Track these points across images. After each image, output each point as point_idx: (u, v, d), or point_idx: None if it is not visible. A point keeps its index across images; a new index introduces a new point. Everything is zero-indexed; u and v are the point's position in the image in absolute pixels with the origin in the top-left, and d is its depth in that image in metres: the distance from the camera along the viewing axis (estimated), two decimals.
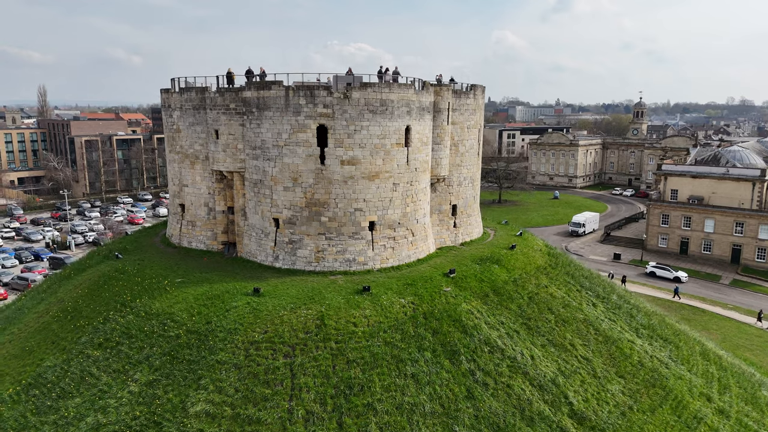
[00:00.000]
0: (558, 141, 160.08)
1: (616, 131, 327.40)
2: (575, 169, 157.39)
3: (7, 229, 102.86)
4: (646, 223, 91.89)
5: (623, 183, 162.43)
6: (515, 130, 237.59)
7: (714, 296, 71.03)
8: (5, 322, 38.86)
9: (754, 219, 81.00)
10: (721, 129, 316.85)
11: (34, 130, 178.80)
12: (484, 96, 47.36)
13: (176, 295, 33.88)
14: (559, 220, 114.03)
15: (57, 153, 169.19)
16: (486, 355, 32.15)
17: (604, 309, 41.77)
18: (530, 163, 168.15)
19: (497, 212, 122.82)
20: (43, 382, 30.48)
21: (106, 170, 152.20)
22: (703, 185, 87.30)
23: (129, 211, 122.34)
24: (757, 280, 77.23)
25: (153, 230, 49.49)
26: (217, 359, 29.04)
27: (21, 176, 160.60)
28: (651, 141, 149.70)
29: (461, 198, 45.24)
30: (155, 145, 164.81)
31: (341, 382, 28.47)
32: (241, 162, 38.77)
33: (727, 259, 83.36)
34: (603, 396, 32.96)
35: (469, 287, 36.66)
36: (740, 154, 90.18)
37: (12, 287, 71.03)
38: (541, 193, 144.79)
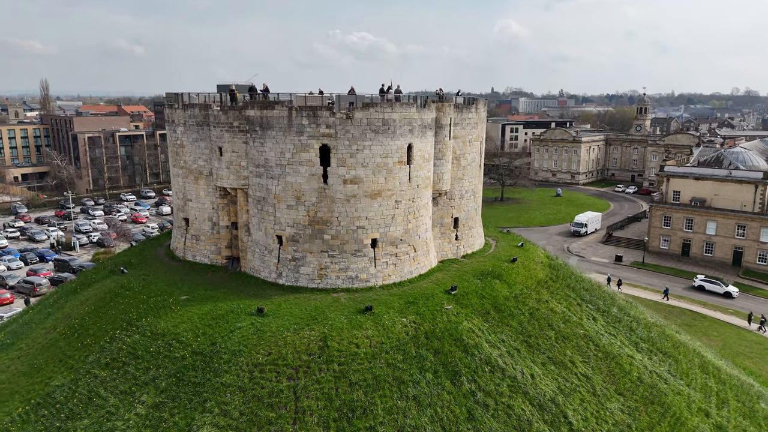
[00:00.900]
0: (561, 137, 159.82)
1: (619, 124, 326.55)
2: (578, 166, 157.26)
3: (12, 228, 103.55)
4: (648, 225, 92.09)
5: (626, 179, 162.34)
6: (518, 124, 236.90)
7: (715, 301, 71.40)
8: (13, 337, 39.44)
9: (756, 222, 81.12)
10: (725, 122, 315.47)
11: (37, 125, 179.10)
12: (486, 109, 47.49)
13: (181, 314, 34.36)
14: (562, 219, 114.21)
15: (60, 149, 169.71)
16: (487, 375, 32.60)
17: (605, 323, 42.16)
18: (533, 159, 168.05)
19: (499, 210, 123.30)
20: (51, 402, 31.06)
21: (109, 167, 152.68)
22: (705, 187, 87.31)
23: (132, 210, 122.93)
24: (758, 283, 77.55)
25: (157, 241, 49.95)
26: (222, 382, 29.54)
27: (24, 172, 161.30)
28: (654, 138, 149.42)
29: (463, 211, 45.54)
30: (158, 141, 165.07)
31: (344, 405, 28.96)
32: (244, 179, 39.10)
33: (728, 261, 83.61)
34: (602, 414, 33.43)
35: (470, 304, 37.06)
36: (743, 156, 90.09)
37: (18, 290, 71.71)
38: (544, 190, 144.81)
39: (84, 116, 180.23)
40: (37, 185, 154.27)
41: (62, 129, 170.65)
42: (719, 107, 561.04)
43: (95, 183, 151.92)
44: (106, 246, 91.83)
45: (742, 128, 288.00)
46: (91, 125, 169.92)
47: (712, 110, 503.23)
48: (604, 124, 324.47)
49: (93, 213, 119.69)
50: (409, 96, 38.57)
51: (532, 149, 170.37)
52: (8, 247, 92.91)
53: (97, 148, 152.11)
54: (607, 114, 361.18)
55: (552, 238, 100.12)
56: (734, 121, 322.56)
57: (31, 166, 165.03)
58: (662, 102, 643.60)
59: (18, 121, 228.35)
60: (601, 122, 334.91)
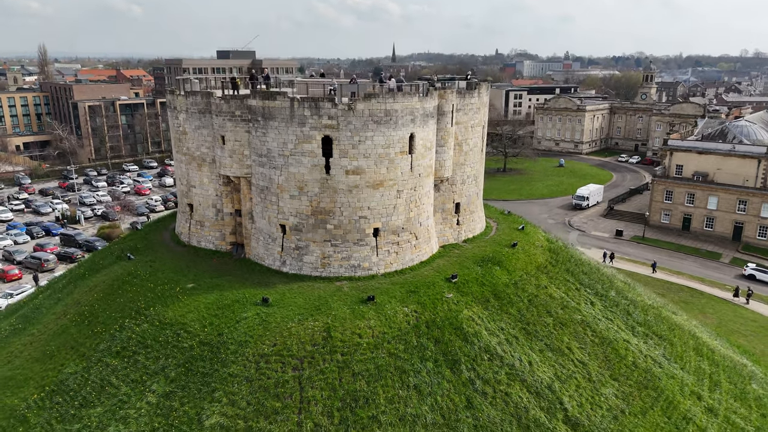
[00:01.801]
0: (565, 106, 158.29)
1: (625, 88, 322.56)
2: (581, 135, 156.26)
3: (16, 201, 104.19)
4: (650, 199, 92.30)
5: (629, 149, 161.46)
6: (522, 90, 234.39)
7: (713, 276, 72.23)
8: (24, 321, 40.50)
9: (757, 197, 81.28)
10: (733, 87, 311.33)
11: (37, 93, 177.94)
12: (488, 92, 47.24)
13: (188, 303, 35.22)
14: (564, 191, 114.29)
15: (60, 118, 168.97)
16: (485, 363, 33.60)
17: (602, 307, 43.01)
18: (536, 128, 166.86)
19: (501, 182, 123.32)
20: (65, 390, 32.21)
21: (110, 136, 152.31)
22: (708, 161, 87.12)
23: (135, 181, 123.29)
24: (757, 258, 78.20)
25: (162, 224, 50.52)
26: (229, 372, 30.57)
27: (26, 141, 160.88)
28: (659, 107, 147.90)
29: (464, 196, 45.87)
30: (158, 110, 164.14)
31: (347, 394, 30.03)
32: (247, 168, 39.37)
33: (728, 236, 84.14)
34: (597, 400, 34.56)
35: (470, 292, 37.83)
36: (747, 129, 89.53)
37: (26, 266, 72.81)
38: (547, 160, 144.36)
39: (84, 84, 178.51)
40: (39, 154, 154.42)
41: (62, 97, 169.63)
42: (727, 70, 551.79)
43: (97, 152, 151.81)
44: (111, 219, 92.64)
45: (749, 93, 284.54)
46: (91, 93, 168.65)
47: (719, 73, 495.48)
48: (609, 89, 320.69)
49: (96, 184, 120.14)
50: (411, 86, 38.39)
51: (535, 118, 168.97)
52: (14, 220, 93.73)
53: (98, 117, 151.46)
54: (612, 78, 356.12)
55: (553, 212, 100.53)
56: (741, 85, 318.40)
57: (33, 135, 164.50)
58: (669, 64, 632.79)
59: (17, 88, 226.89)
60: (607, 87, 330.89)
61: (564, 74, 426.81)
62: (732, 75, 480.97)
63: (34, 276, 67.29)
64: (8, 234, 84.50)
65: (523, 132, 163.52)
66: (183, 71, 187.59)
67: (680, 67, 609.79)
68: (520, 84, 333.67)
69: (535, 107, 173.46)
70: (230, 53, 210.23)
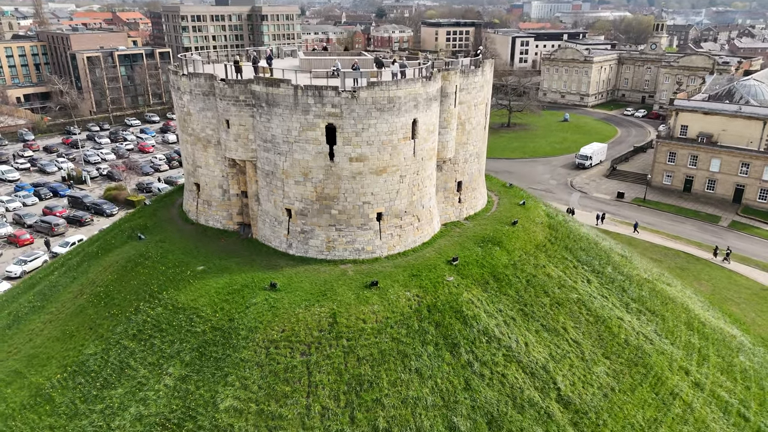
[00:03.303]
0: (572, 57, 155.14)
1: (635, 32, 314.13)
2: (588, 87, 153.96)
3: (22, 159, 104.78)
4: (653, 161, 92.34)
5: (636, 101, 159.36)
6: (529, 37, 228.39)
7: (711, 240, 73.35)
8: (42, 299, 42.23)
9: (760, 160, 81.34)
10: (746, 31, 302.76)
11: (34, 43, 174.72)
12: (492, 69, 46.91)
13: (199, 287, 36.69)
14: (567, 148, 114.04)
15: (59, 69, 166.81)
16: (484, 346, 35.31)
17: (598, 284, 44.43)
18: (542, 79, 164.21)
19: (505, 139, 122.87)
20: (86, 370, 34.18)
21: (110, 88, 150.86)
22: (714, 122, 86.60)
23: (138, 138, 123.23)
24: (756, 221, 79.15)
25: (170, 199, 51.44)
26: (241, 357, 32.34)
27: (26, 93, 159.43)
28: (668, 59, 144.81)
29: (467, 174, 46.45)
30: (158, 61, 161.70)
31: (352, 378, 31.88)
32: (252, 152, 39.91)
33: (729, 198, 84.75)
34: (588, 378, 36.48)
35: (470, 274, 39.15)
36: (755, 89, 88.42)
37: (36, 230, 74.35)
38: (551, 114, 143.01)
39: (81, 33, 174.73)
40: (40, 106, 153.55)
41: (59, 46, 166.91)
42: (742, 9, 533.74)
43: (98, 105, 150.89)
44: (117, 180, 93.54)
45: (762, 37, 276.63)
46: (88, 42, 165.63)
47: (734, 14, 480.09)
48: (619, 34, 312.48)
49: (99, 141, 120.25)
50: (414, 71, 38.27)
51: (542, 69, 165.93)
52: (20, 180, 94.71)
53: (97, 69, 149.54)
54: (623, 21, 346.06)
55: (556, 171, 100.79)
56: (755, 29, 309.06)
57: (32, 86, 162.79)
58: (683, 3, 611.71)
59: (12, 35, 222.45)
60: (617, 31, 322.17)
61: (573, 16, 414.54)
62: (747, 16, 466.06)
63: (46, 241, 68.98)
64: (17, 196, 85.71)
65: (529, 83, 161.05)
66: (181, 19, 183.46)
67: (694, 6, 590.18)
68: (527, 27, 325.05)
69: (542, 58, 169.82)
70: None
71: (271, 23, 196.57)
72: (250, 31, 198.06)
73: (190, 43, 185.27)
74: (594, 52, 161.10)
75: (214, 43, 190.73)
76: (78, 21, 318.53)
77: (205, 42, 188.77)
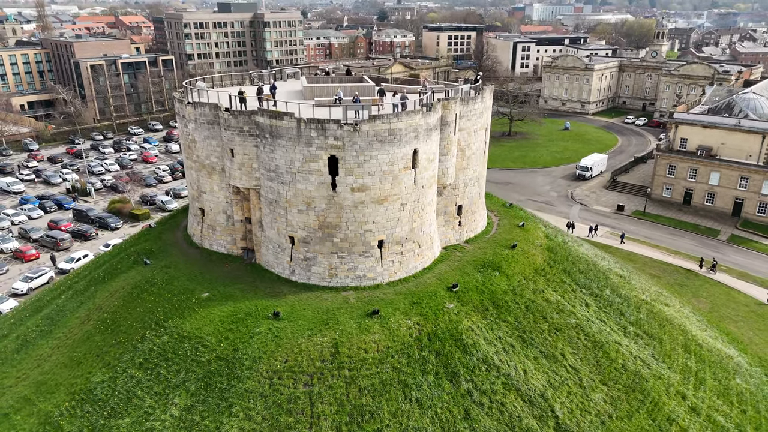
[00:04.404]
0: (573, 65, 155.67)
1: (637, 36, 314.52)
2: (588, 95, 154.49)
3: (26, 170, 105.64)
4: (652, 173, 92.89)
5: (637, 108, 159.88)
6: (530, 42, 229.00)
7: (710, 255, 73.82)
8: (50, 324, 43.00)
9: (759, 174, 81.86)
10: (747, 35, 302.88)
11: (38, 50, 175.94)
12: (492, 95, 47.58)
13: (204, 315, 37.43)
14: (568, 158, 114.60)
15: (62, 77, 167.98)
16: (483, 374, 35.98)
17: (597, 308, 45.08)
18: (543, 86, 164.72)
19: (506, 148, 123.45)
20: (94, 399, 34.95)
21: (113, 95, 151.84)
22: (713, 135, 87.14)
23: (142, 148, 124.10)
24: (755, 235, 79.64)
25: (174, 221, 52.20)
26: (245, 388, 33.06)
27: (30, 100, 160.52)
28: (669, 67, 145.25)
29: (467, 198, 47.12)
30: (160, 68, 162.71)
31: (354, 409, 32.58)
32: (256, 180, 40.64)
33: (728, 211, 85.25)
34: (586, 406, 37.12)
35: (470, 301, 39.84)
36: (754, 103, 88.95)
37: (41, 244, 75.15)
38: (552, 122, 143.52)
39: (84, 41, 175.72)
40: (44, 114, 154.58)
41: (63, 54, 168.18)
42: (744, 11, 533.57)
43: (101, 113, 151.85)
44: (121, 192, 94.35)
45: (764, 42, 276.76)
46: (92, 50, 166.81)
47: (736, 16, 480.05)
48: (620, 37, 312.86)
49: (103, 151, 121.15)
50: (414, 103, 38.94)
51: (543, 76, 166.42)
52: (25, 192, 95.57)
53: (101, 77, 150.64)
54: (625, 25, 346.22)
55: (556, 183, 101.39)
56: (757, 33, 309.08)
57: (36, 94, 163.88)
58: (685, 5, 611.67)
59: (16, 41, 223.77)
60: (618, 35, 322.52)
61: (575, 19, 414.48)
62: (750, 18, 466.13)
63: (52, 257, 69.77)
64: (22, 209, 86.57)
65: (530, 90, 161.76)
66: (184, 26, 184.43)
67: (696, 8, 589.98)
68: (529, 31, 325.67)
69: (543, 65, 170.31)
70: (231, 6, 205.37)
71: (273, 30, 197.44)
72: (252, 38, 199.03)
73: (192, 50, 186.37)
74: (595, 59, 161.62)
75: (217, 50, 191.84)
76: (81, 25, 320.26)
77: (208, 49, 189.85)
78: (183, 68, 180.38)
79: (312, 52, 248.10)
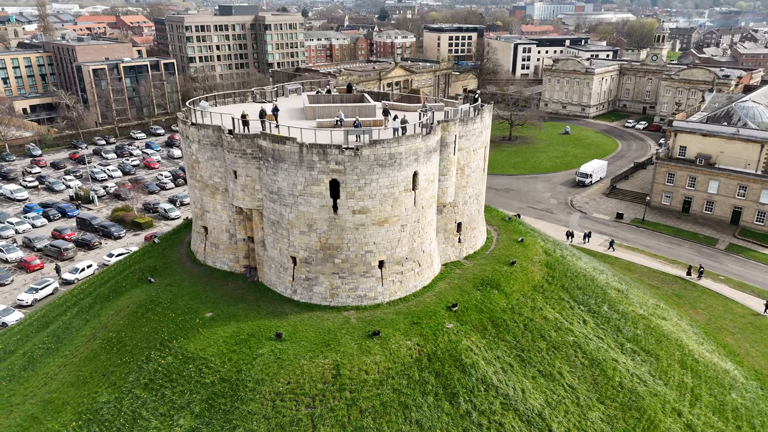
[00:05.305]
0: (573, 68, 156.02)
1: (638, 36, 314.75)
2: (589, 99, 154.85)
3: (30, 177, 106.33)
4: (652, 181, 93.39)
5: (638, 111, 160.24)
6: (531, 44, 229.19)
7: (708, 264, 74.39)
8: (55, 341, 43.74)
9: (758, 183, 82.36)
10: (749, 35, 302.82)
11: (40, 54, 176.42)
12: (491, 115, 48.15)
13: (208, 336, 38.13)
14: (568, 163, 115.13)
15: (65, 80, 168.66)
16: (482, 394, 36.66)
17: (594, 325, 45.72)
18: (544, 89, 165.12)
19: (506, 153, 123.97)
20: (100, 419, 35.68)
21: (116, 99, 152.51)
22: (712, 144, 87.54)
23: (144, 153, 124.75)
24: (753, 244, 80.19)
25: (178, 237, 52.88)
26: (249, 410, 33.76)
27: (32, 104, 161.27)
28: (669, 71, 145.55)
29: (466, 215, 47.74)
30: (162, 71, 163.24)
31: (355, 431, 33.27)
32: (259, 201, 41.29)
33: (726, 220, 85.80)
34: (583, 425, 37.79)
35: (469, 321, 40.50)
36: (753, 111, 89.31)
37: (45, 254, 75.85)
38: (553, 126, 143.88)
39: (86, 44, 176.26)
40: (47, 117, 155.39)
41: (65, 57, 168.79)
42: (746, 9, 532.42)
43: (103, 117, 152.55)
44: (123, 199, 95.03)
45: (765, 42, 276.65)
46: (94, 54, 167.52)
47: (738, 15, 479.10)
48: (621, 37, 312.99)
49: (106, 156, 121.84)
50: (415, 127, 39.55)
51: (543, 80, 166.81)
52: (29, 200, 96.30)
53: (102, 81, 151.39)
54: (626, 25, 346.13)
55: (556, 189, 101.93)
56: (758, 33, 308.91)
57: (38, 97, 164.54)
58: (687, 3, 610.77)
59: (18, 43, 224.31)
60: (619, 34, 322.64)
61: (576, 18, 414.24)
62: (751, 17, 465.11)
63: (56, 267, 70.49)
64: (26, 217, 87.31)
65: (531, 93, 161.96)
66: (185, 29, 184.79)
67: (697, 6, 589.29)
68: (530, 31, 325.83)
69: (543, 68, 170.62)
70: (232, 8, 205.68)
71: (275, 32, 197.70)
72: (253, 40, 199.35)
73: (194, 53, 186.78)
74: (595, 63, 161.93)
75: (218, 53, 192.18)
76: (82, 25, 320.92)
77: (209, 51, 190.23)
78: (185, 71, 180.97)
79: (313, 53, 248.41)
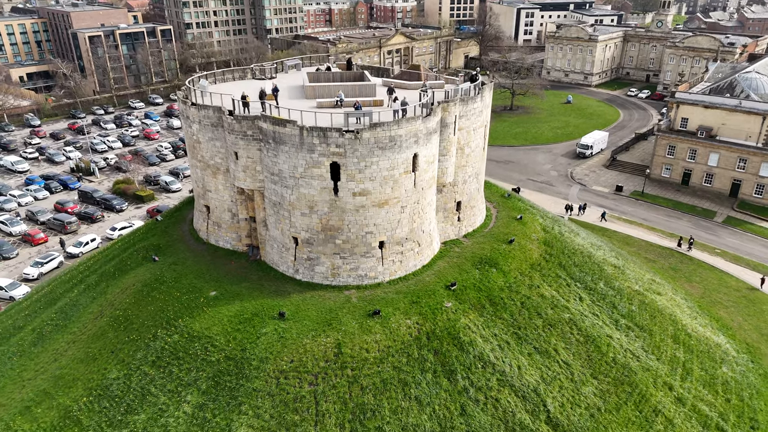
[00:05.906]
0: (576, 35, 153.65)
1: None
2: (592, 66, 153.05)
3: (30, 148, 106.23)
4: (652, 153, 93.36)
5: (641, 79, 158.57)
6: (534, 8, 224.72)
7: (704, 237, 75.16)
8: (64, 317, 44.79)
9: (758, 156, 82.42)
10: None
11: (34, 20, 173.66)
12: (491, 93, 48.01)
13: (212, 315, 39.10)
14: (569, 134, 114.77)
15: (61, 47, 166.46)
16: (479, 371, 37.85)
17: (590, 302, 46.69)
18: (546, 57, 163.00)
19: (508, 123, 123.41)
20: (110, 395, 36.94)
21: (113, 67, 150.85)
22: (714, 115, 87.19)
23: (143, 124, 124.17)
24: (751, 216, 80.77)
25: (180, 214, 53.41)
26: (253, 387, 34.96)
27: (29, 71, 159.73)
28: (673, 38, 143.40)
29: (466, 194, 48.16)
30: (159, 38, 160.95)
31: (357, 407, 34.55)
32: (260, 182, 41.68)
33: (725, 192, 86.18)
34: (577, 399, 39.13)
35: (467, 299, 41.42)
36: (756, 83, 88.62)
37: (48, 227, 76.55)
38: (555, 95, 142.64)
39: (81, 9, 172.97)
40: (44, 86, 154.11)
41: (60, 24, 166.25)
42: None
43: (101, 85, 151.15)
44: (125, 171, 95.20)
45: None
46: (89, 20, 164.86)
47: None
48: (626, 1, 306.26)
49: (105, 126, 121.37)
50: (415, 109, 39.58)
51: (546, 47, 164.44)
52: (30, 172, 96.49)
53: (99, 48, 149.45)
54: None
55: (557, 161, 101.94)
56: None
57: (35, 65, 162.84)
58: None
59: (12, 7, 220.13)
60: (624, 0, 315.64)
61: None
62: None
63: (61, 241, 71.30)
64: (27, 189, 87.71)
65: (533, 61, 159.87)
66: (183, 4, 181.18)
67: None
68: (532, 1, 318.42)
69: (546, 35, 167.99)
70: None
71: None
72: (251, 5, 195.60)
73: (191, 19, 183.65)
74: (599, 29, 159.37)
75: (216, 19, 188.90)
76: None
77: (206, 17, 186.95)
78: (182, 38, 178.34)
79: (312, 18, 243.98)
